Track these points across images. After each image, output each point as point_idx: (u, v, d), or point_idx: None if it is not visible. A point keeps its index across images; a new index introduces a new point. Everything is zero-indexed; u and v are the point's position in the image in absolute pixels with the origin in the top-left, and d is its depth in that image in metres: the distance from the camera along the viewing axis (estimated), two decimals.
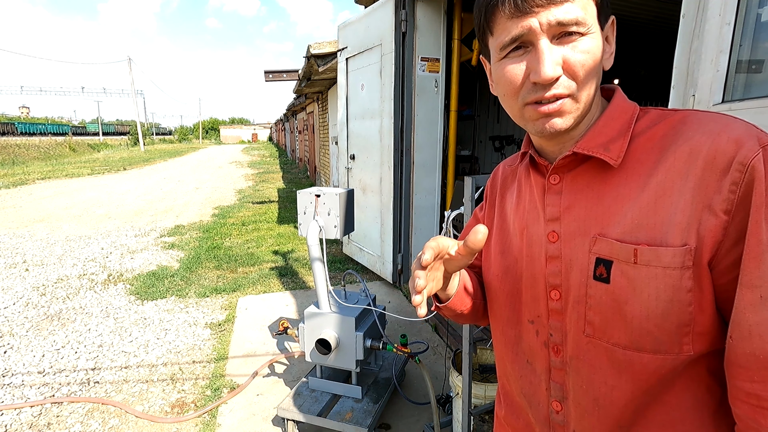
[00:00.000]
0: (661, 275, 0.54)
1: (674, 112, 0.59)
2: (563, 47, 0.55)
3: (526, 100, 0.58)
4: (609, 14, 0.60)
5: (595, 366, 0.61)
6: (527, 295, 0.69)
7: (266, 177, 15.04)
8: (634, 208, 0.56)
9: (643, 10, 4.40)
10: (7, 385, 2.67)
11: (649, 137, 0.58)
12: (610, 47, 0.61)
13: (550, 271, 0.65)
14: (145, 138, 42.72)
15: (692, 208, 0.52)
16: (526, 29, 0.54)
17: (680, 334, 0.55)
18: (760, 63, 1.11)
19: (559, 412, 0.68)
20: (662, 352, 0.56)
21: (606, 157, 0.59)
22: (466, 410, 1.70)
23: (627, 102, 0.63)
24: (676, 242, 0.53)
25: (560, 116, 0.57)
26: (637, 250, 0.55)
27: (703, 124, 0.55)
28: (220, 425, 2.28)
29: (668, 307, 0.54)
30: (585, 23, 0.54)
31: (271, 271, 4.74)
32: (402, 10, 3.50)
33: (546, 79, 0.54)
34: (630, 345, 0.57)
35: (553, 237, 0.64)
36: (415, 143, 3.80)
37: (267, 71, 7.50)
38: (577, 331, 0.62)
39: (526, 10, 0.53)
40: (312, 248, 2.14)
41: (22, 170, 16.59)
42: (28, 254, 5.45)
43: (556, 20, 0.53)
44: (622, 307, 0.57)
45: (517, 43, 0.56)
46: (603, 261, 0.58)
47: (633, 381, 0.58)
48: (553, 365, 0.67)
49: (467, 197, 1.50)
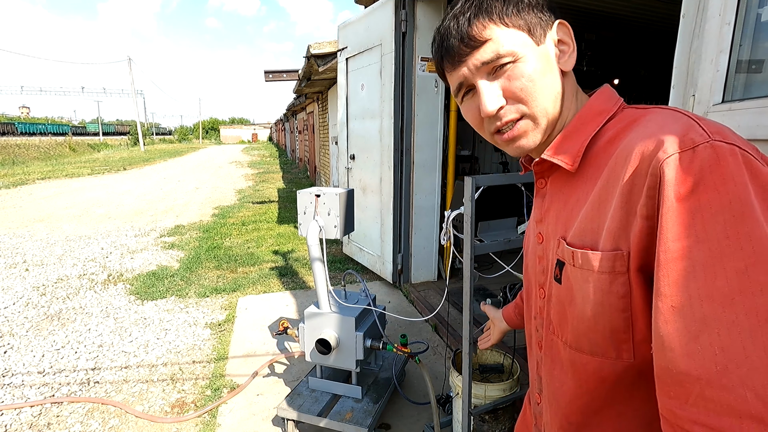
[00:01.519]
0: (592, 279, 0.55)
1: (644, 110, 0.58)
2: (500, 79, 0.60)
3: (490, 130, 0.64)
4: (551, 22, 0.61)
5: (555, 362, 0.65)
6: (530, 293, 0.75)
7: (266, 177, 15.04)
8: (584, 212, 0.58)
9: (643, 10, 4.40)
10: (7, 385, 2.67)
11: (610, 139, 0.58)
12: (568, 47, 0.63)
13: (538, 270, 0.69)
14: (145, 138, 42.72)
15: (623, 211, 0.51)
16: (462, 77, 0.62)
17: (616, 339, 0.55)
18: (760, 63, 1.11)
19: (539, 403, 0.73)
20: (599, 354, 0.57)
21: (563, 162, 0.61)
22: (466, 410, 1.70)
23: (604, 103, 0.62)
24: (607, 246, 0.53)
25: (524, 137, 0.62)
26: (574, 254, 0.57)
27: (647, 124, 0.54)
28: (220, 425, 2.28)
29: (599, 310, 0.55)
30: (509, 53, 0.58)
31: (271, 271, 4.74)
32: (402, 10, 3.50)
33: (489, 114, 0.60)
34: (573, 344, 0.60)
35: (539, 238, 0.69)
36: (415, 143, 3.80)
37: (267, 71, 7.49)
38: (548, 328, 0.67)
39: (456, 62, 0.62)
40: (312, 248, 2.14)
41: (22, 170, 16.58)
42: (28, 254, 5.45)
43: (480, 61, 0.59)
44: (565, 308, 0.60)
45: (464, 88, 0.64)
46: (559, 263, 0.61)
47: (576, 379, 0.61)
48: (538, 359, 0.72)
49: (467, 197, 1.49)
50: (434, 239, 4.04)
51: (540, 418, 0.74)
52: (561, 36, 0.62)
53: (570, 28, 0.63)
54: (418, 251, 4.02)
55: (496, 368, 1.98)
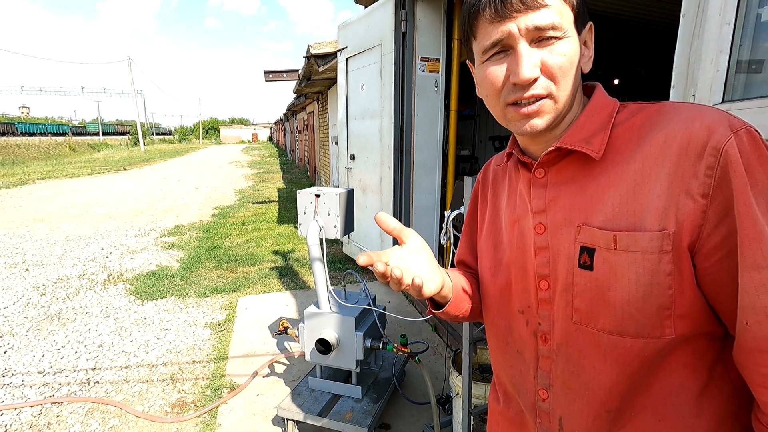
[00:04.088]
0: (639, 260, 0.55)
1: (652, 104, 0.61)
2: (541, 50, 0.57)
3: (507, 100, 0.61)
4: (587, 20, 0.62)
5: (584, 351, 0.63)
6: (517, 287, 0.71)
7: (266, 177, 15.04)
8: (615, 196, 0.58)
9: (644, 10, 4.40)
10: (7, 385, 2.67)
11: (628, 128, 0.60)
12: (588, 51, 0.64)
13: (538, 261, 0.67)
14: (145, 138, 42.71)
15: (669, 193, 0.54)
16: (505, 33, 0.57)
17: (661, 317, 0.56)
18: (760, 63, 1.11)
19: (546, 399, 0.70)
20: (644, 335, 0.57)
21: (588, 150, 0.61)
22: (466, 410, 1.70)
23: (607, 98, 0.65)
24: (654, 227, 0.54)
25: (539, 116, 0.60)
26: (617, 237, 0.57)
27: (678, 112, 0.57)
28: (220, 425, 2.28)
29: (648, 290, 0.55)
30: (561, 27, 0.57)
31: (271, 271, 4.74)
32: (402, 10, 3.50)
33: (524, 80, 0.57)
34: (614, 330, 0.59)
35: (540, 229, 0.67)
36: (415, 143, 3.80)
37: (267, 71, 7.49)
38: (565, 319, 0.64)
39: (506, 15, 0.56)
40: (312, 248, 2.14)
41: (22, 170, 16.58)
42: (28, 254, 5.45)
43: (534, 25, 0.56)
44: (605, 293, 0.59)
45: (498, 47, 0.59)
46: (587, 249, 0.60)
47: (618, 365, 0.60)
48: (541, 354, 0.69)
49: (467, 197, 1.50)
50: (434, 239, 4.04)
51: (548, 415, 0.69)
52: (587, 38, 0.64)
53: (593, 34, 0.64)
54: None
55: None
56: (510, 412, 0.79)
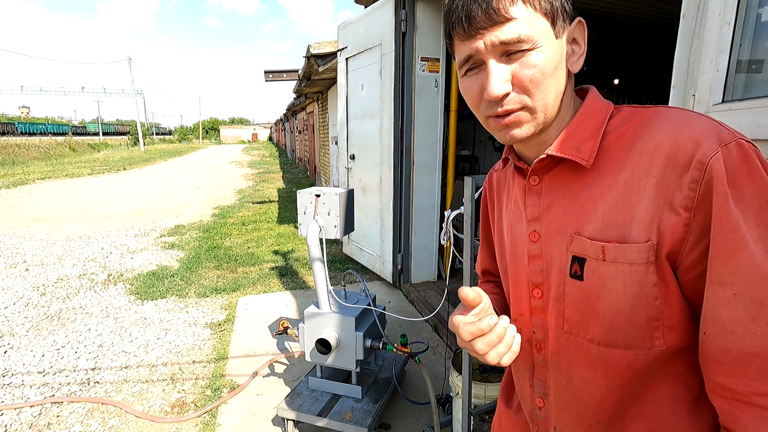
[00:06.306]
0: (627, 271, 0.55)
1: (646, 108, 0.60)
2: (512, 64, 0.57)
3: (486, 113, 0.61)
4: (573, 17, 0.60)
5: (573, 362, 0.63)
6: (513, 294, 0.72)
7: (266, 177, 15.04)
8: (605, 206, 0.58)
9: (644, 10, 4.39)
10: (7, 385, 2.67)
11: (620, 135, 0.59)
12: (579, 48, 0.62)
13: (532, 269, 0.67)
14: (145, 138, 42.69)
15: (654, 204, 0.53)
16: (474, 50, 0.58)
17: (650, 328, 0.56)
18: (760, 63, 1.11)
19: (542, 408, 0.70)
20: (633, 347, 0.57)
21: (578, 158, 0.60)
22: (466, 410, 1.70)
23: (601, 102, 0.64)
24: (641, 238, 0.54)
25: (518, 127, 0.60)
26: (605, 248, 0.57)
27: (668, 120, 0.56)
28: (220, 425, 2.28)
29: (636, 302, 0.56)
30: (530, 39, 0.55)
31: (271, 271, 4.74)
32: (402, 9, 3.50)
33: (493, 97, 0.57)
34: (603, 341, 0.59)
35: (534, 236, 0.66)
36: (415, 143, 3.80)
37: (267, 71, 7.49)
38: (557, 328, 0.64)
39: (472, 33, 0.57)
40: (312, 248, 2.14)
41: (22, 170, 16.58)
42: (28, 254, 5.45)
43: (499, 40, 0.56)
44: (594, 304, 0.59)
45: (470, 63, 0.60)
46: (578, 259, 0.60)
47: (607, 376, 0.60)
48: (536, 362, 0.69)
49: (467, 197, 1.50)
50: (434, 239, 4.04)
51: (544, 423, 0.71)
52: (576, 35, 0.62)
53: (585, 29, 0.62)
54: (418, 251, 4.02)
55: (496, 368, 1.98)
56: (518, 418, 0.81)
